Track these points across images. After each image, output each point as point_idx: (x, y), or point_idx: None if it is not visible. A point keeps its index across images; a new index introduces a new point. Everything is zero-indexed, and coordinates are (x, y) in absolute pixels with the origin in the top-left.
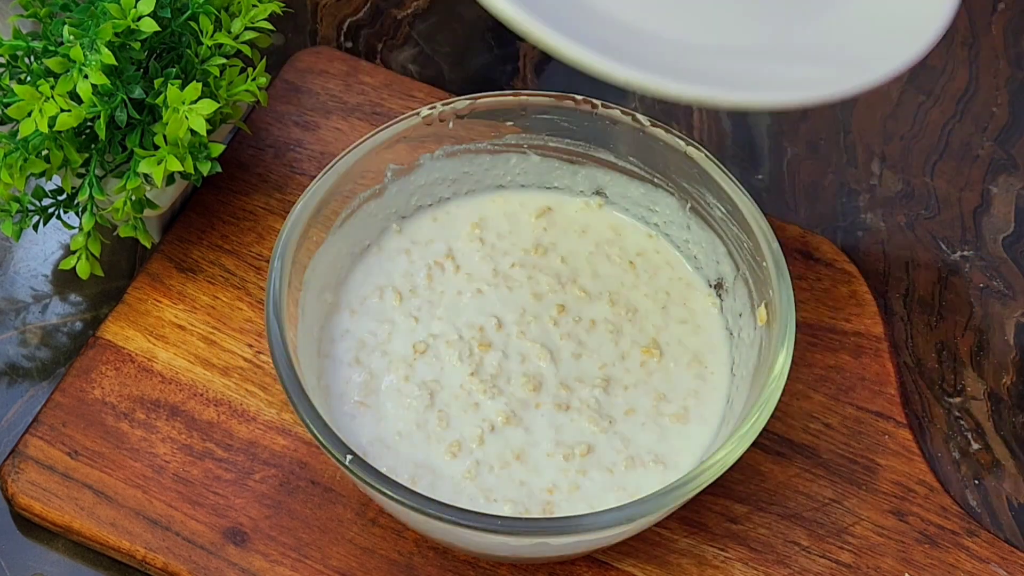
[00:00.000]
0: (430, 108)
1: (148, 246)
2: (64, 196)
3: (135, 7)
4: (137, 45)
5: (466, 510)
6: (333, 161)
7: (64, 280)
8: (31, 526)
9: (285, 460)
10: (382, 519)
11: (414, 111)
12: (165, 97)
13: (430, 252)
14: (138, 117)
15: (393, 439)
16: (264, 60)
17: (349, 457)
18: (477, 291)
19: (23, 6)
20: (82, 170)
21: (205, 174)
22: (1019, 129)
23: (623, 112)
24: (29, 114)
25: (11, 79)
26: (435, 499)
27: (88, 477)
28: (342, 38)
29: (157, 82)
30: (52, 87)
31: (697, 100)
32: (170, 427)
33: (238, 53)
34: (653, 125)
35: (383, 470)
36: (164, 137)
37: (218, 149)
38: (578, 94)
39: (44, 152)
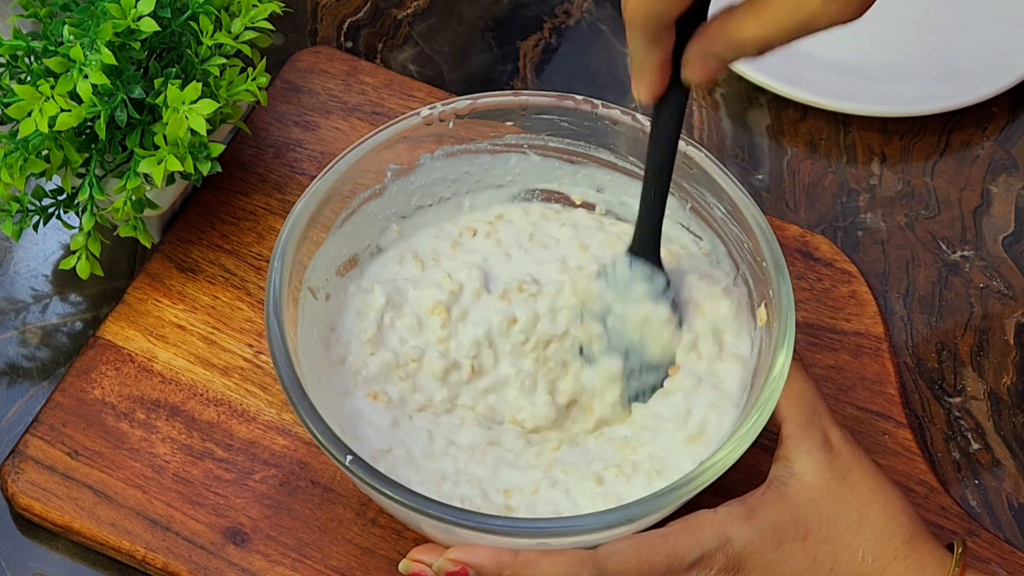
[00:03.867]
0: (430, 108)
1: (148, 246)
2: (64, 196)
3: (135, 7)
4: (137, 45)
5: (467, 510)
6: (333, 161)
7: (64, 280)
8: (31, 526)
9: (285, 460)
10: (382, 519)
11: (414, 111)
12: (165, 97)
13: None
14: (138, 117)
15: None
16: (264, 60)
17: (349, 457)
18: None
19: (23, 6)
20: (82, 170)
21: (205, 174)
22: (1019, 129)
23: (623, 112)
24: (29, 114)
25: (11, 79)
26: (435, 499)
27: (88, 477)
28: (342, 38)
29: (157, 82)
30: (52, 87)
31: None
32: (170, 427)
33: (238, 53)
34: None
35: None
36: (164, 137)
37: (218, 149)
38: (578, 94)
39: (44, 152)
